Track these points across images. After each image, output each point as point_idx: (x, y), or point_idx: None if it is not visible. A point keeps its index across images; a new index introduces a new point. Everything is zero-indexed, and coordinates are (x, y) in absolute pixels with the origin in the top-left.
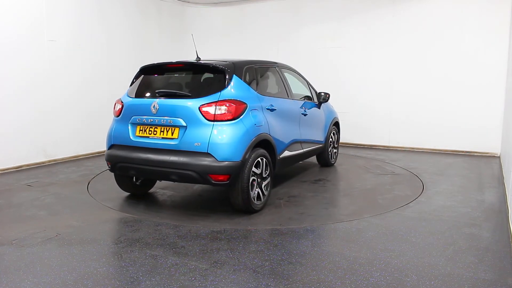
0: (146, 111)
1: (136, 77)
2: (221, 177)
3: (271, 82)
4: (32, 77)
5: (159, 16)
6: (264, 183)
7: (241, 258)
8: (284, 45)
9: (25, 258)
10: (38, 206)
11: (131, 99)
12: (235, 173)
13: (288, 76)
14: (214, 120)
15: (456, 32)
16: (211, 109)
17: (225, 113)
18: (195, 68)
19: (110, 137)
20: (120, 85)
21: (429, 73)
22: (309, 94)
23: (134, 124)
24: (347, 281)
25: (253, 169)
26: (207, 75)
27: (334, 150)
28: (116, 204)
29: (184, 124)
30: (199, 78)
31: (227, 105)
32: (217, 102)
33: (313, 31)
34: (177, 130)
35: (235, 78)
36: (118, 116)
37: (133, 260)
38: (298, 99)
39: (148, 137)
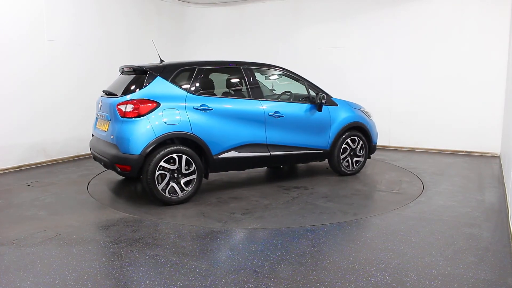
0: (97, 107)
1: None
2: (125, 167)
3: (222, 83)
4: (32, 77)
5: (159, 16)
6: (184, 179)
7: (241, 258)
8: (284, 45)
9: (25, 258)
10: (38, 206)
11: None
12: (135, 165)
13: (278, 77)
14: (123, 117)
15: (456, 32)
16: (123, 107)
17: (131, 111)
18: (135, 70)
19: (92, 128)
20: None
21: (429, 73)
22: (308, 96)
23: (96, 118)
24: (347, 281)
25: (164, 164)
26: (138, 76)
27: (355, 159)
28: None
29: (109, 119)
30: (133, 79)
31: (135, 103)
32: (128, 101)
33: (313, 31)
34: (107, 124)
35: (158, 79)
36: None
37: (133, 260)
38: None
39: (99, 129)
